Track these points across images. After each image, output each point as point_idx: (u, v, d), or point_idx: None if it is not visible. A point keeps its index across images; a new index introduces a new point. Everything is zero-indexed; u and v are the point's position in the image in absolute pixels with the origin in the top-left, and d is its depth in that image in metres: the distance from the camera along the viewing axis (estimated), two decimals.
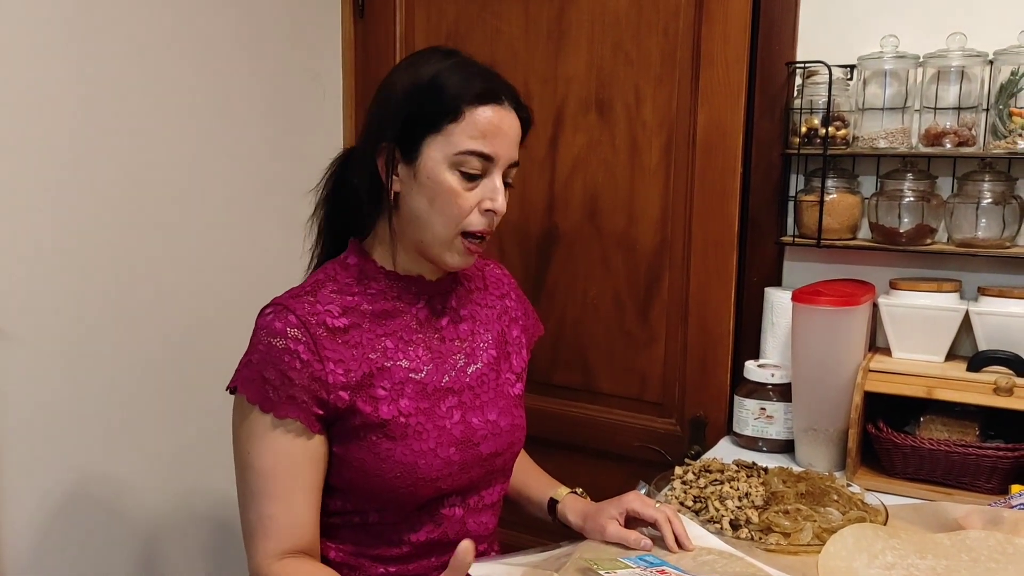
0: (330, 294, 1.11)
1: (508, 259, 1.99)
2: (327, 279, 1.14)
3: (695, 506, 1.28)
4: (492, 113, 1.07)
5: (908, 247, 1.57)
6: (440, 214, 1.08)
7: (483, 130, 1.07)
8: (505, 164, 1.10)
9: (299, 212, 2.04)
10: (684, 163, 1.79)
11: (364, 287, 1.13)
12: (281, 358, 1.05)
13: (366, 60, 2.13)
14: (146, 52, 1.68)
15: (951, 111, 1.52)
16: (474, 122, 1.06)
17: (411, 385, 1.12)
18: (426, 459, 1.10)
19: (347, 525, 1.14)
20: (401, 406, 1.10)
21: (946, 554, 1.13)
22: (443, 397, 1.14)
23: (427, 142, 1.07)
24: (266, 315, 1.08)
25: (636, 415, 1.91)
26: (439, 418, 1.13)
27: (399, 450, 1.09)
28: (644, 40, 1.81)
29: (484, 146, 1.07)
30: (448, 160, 1.07)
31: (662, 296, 1.85)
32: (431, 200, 1.08)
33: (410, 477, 1.09)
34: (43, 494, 1.59)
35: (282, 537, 1.07)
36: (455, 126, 1.06)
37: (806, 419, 1.53)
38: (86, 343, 1.62)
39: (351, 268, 1.15)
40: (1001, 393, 1.39)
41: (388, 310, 1.13)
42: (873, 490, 1.37)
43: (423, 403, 1.12)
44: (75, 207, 1.59)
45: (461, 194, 1.07)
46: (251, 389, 1.06)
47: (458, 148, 1.06)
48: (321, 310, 1.09)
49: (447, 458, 1.12)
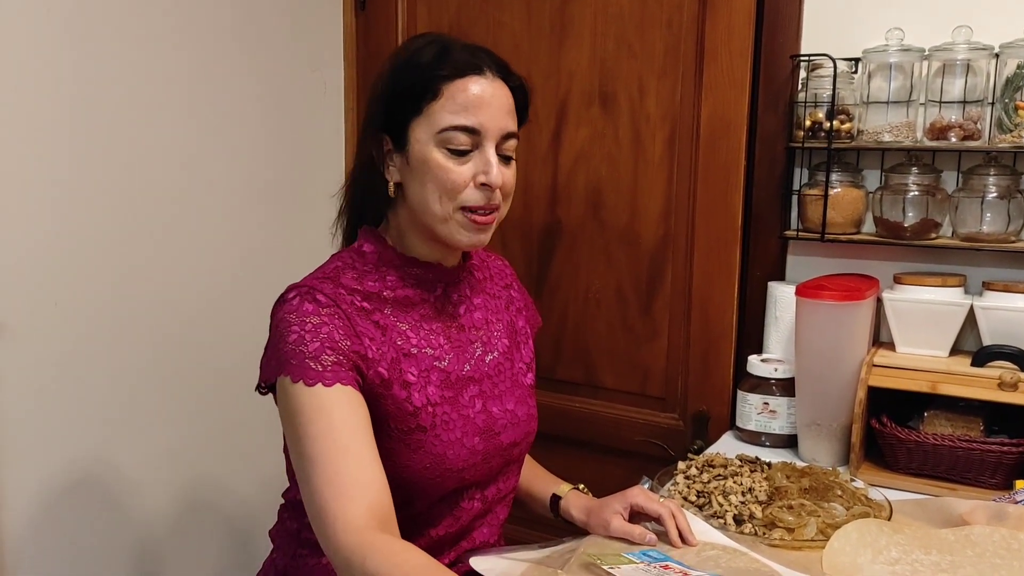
0: (350, 280, 1.09)
1: (510, 253, 1.98)
2: (345, 267, 1.11)
3: (698, 501, 1.27)
4: (472, 85, 1.05)
5: (912, 241, 1.56)
6: (434, 192, 1.06)
7: (464, 103, 1.04)
8: (496, 136, 1.07)
9: (300, 204, 2.05)
10: (687, 157, 1.78)
11: (382, 274, 1.12)
12: (318, 332, 1.02)
13: (367, 52, 2.13)
14: (145, 45, 1.67)
15: (956, 105, 1.51)
16: (453, 97, 1.05)
17: (436, 373, 1.11)
18: (453, 449, 1.09)
19: None
20: (429, 394, 1.09)
21: (950, 549, 1.13)
22: (465, 386, 1.14)
23: (412, 126, 1.06)
24: (290, 300, 1.05)
25: (639, 410, 1.90)
26: (463, 407, 1.12)
27: (429, 440, 1.08)
28: (647, 33, 1.80)
29: (467, 119, 1.04)
30: (434, 139, 1.05)
31: (665, 290, 1.84)
32: (423, 182, 1.07)
33: (439, 468, 1.08)
34: (42, 487, 1.59)
35: (356, 495, 0.96)
36: (435, 104, 1.05)
37: (809, 414, 1.53)
38: (85, 336, 1.62)
39: (368, 256, 1.13)
40: (1006, 388, 1.39)
41: (409, 297, 1.12)
42: (877, 485, 1.37)
43: (448, 392, 1.11)
44: (74, 199, 1.58)
45: (452, 170, 1.05)
46: (292, 370, 1.01)
47: (441, 125, 1.05)
48: (345, 294, 1.07)
49: (472, 447, 1.11)
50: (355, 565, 0.92)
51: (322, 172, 2.11)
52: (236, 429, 1.92)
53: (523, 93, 1.12)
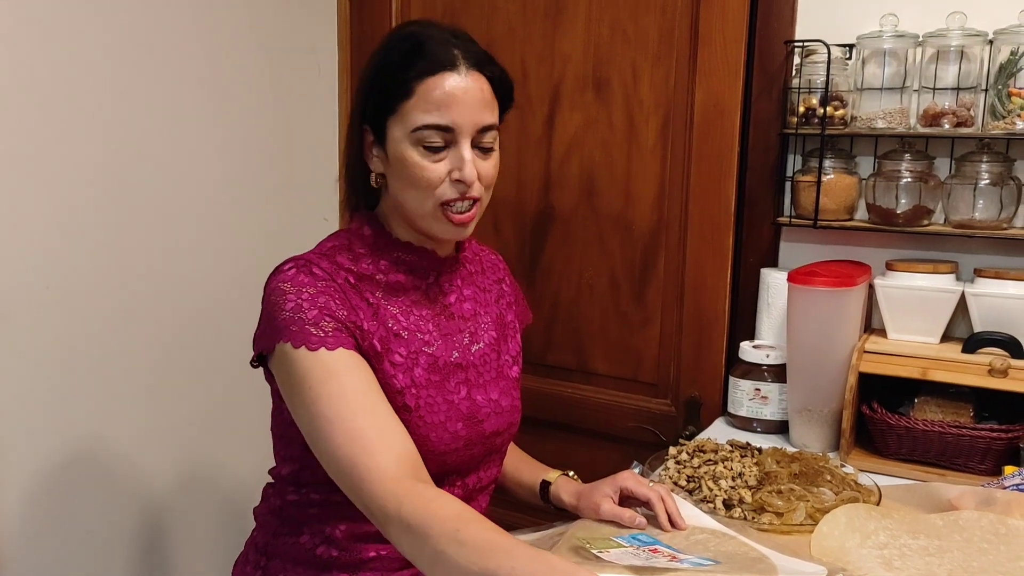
0: (345, 260, 1.11)
1: (503, 238, 1.98)
2: (342, 247, 1.13)
3: (688, 486, 1.28)
4: (445, 82, 1.05)
5: (905, 228, 1.56)
6: (412, 189, 1.08)
7: (436, 102, 1.05)
8: (471, 131, 1.07)
9: (293, 186, 2.05)
10: (681, 142, 1.78)
11: (376, 258, 1.12)
12: (315, 301, 1.03)
13: (361, 35, 2.11)
14: (138, 28, 1.66)
15: (950, 91, 1.51)
16: (426, 96, 1.05)
17: (424, 357, 1.12)
18: (436, 432, 1.10)
19: (346, 504, 1.14)
20: (415, 375, 1.10)
21: (938, 534, 1.13)
22: (452, 372, 1.14)
23: (389, 124, 1.08)
24: (286, 271, 1.06)
25: (631, 395, 1.91)
26: (448, 392, 1.13)
27: (413, 421, 1.08)
28: (642, 18, 1.79)
29: (440, 118, 1.05)
30: (408, 137, 1.06)
31: (658, 276, 1.84)
32: (401, 178, 1.08)
33: (421, 449, 1.08)
34: (36, 469, 1.58)
35: (384, 448, 0.97)
36: (407, 103, 1.06)
37: (801, 400, 1.53)
38: (77, 319, 1.62)
39: (366, 238, 1.14)
40: (996, 374, 1.39)
41: (400, 282, 1.13)
42: (867, 471, 1.38)
43: (434, 376, 1.12)
44: (64, 180, 1.57)
45: (427, 167, 1.06)
46: (293, 336, 1.01)
47: (414, 124, 1.05)
48: (340, 271, 1.08)
49: (455, 432, 1.12)
50: (391, 513, 0.93)
51: (315, 154, 2.10)
52: (229, 409, 1.92)
53: (502, 82, 1.12)
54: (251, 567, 1.20)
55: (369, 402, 1.01)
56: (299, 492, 1.16)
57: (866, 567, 1.06)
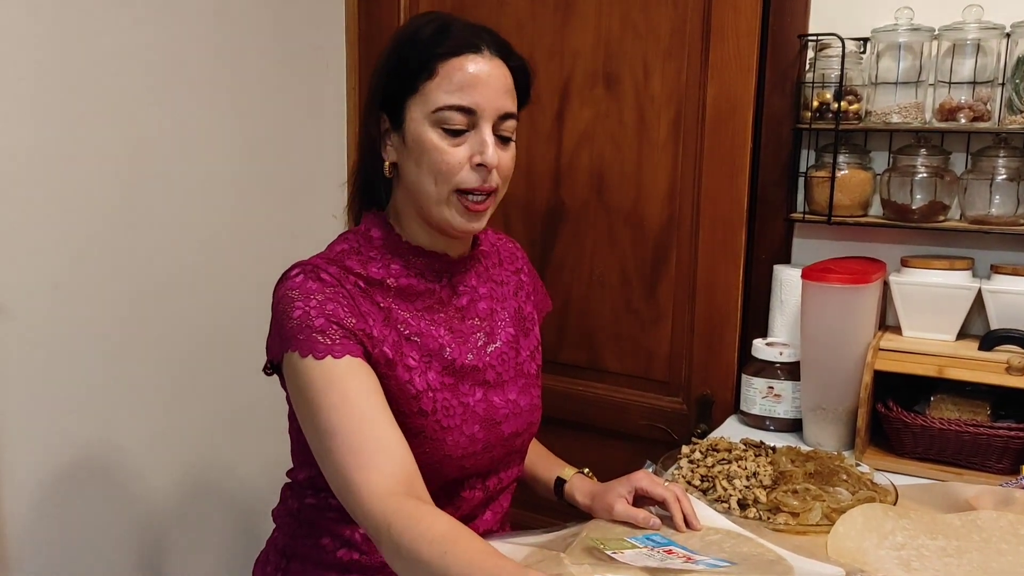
0: (355, 264, 1.08)
1: (513, 234, 1.95)
2: (351, 250, 1.10)
3: (702, 485, 1.27)
4: (469, 64, 1.04)
5: (920, 224, 1.54)
6: (429, 173, 1.05)
7: (459, 83, 1.03)
8: (493, 116, 1.05)
9: (301, 185, 2.04)
10: (693, 138, 1.76)
11: (387, 262, 1.10)
12: (323, 308, 1.01)
13: (369, 32, 2.10)
14: (145, 24, 1.65)
15: (966, 85, 1.49)
16: (449, 76, 1.03)
17: (437, 360, 1.10)
18: (453, 436, 1.09)
19: None
20: (430, 379, 1.08)
21: (956, 534, 1.12)
22: (466, 375, 1.13)
23: (408, 105, 1.06)
24: (293, 277, 1.05)
25: (642, 393, 1.89)
26: (463, 395, 1.11)
27: (430, 425, 1.07)
28: (653, 12, 1.77)
29: (462, 99, 1.03)
30: (429, 119, 1.04)
31: (669, 273, 1.83)
32: (419, 163, 1.06)
33: (438, 454, 1.07)
34: (42, 470, 1.58)
35: (380, 462, 0.96)
36: (430, 83, 1.04)
37: (814, 398, 1.52)
38: (84, 318, 1.61)
39: (374, 241, 1.12)
40: (1013, 372, 1.37)
41: (412, 286, 1.11)
42: (883, 470, 1.36)
43: (448, 379, 1.11)
44: (72, 179, 1.57)
45: (447, 151, 1.04)
46: (300, 345, 1.00)
47: (436, 104, 1.04)
48: (349, 276, 1.06)
49: (472, 435, 1.11)
50: (382, 533, 0.92)
51: (324, 153, 2.09)
52: (238, 410, 1.91)
53: (524, 74, 1.11)
54: (272, 568, 1.19)
55: (369, 412, 0.99)
56: (317, 496, 1.14)
57: (884, 568, 1.05)
